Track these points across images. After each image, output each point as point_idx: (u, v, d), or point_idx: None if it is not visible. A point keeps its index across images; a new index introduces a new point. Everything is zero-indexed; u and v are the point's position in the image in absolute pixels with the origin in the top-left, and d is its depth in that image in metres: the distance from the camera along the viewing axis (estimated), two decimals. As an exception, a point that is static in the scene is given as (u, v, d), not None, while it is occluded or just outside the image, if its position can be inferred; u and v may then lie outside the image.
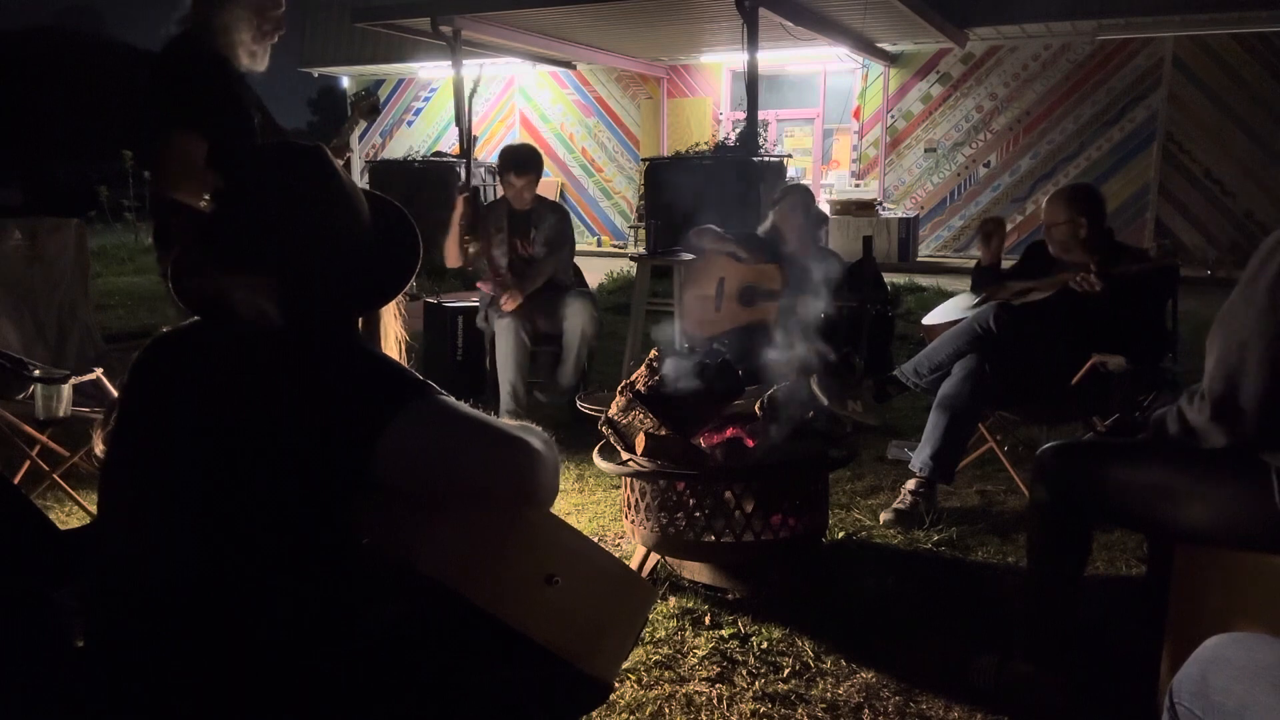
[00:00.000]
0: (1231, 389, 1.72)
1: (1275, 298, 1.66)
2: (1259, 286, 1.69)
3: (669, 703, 2.10)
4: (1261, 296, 1.68)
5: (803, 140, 15.06)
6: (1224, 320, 1.76)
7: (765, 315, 4.14)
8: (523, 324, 4.18)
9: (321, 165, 1.33)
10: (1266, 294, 1.67)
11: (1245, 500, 1.76)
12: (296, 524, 1.21)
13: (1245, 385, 1.70)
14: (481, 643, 1.25)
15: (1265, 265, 1.69)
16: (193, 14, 2.81)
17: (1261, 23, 11.26)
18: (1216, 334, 1.77)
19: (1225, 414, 1.74)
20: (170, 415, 1.27)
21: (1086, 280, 3.10)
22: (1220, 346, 1.75)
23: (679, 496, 2.58)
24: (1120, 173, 12.59)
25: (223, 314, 1.26)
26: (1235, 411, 1.73)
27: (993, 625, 2.40)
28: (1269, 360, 1.67)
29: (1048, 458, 2.05)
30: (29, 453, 3.03)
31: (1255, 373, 1.68)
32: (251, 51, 2.89)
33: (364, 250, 1.35)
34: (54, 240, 3.70)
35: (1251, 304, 1.69)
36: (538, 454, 1.26)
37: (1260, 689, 1.17)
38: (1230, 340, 1.72)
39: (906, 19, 10.96)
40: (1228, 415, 1.74)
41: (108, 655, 1.25)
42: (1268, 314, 1.67)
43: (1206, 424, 1.78)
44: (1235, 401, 1.72)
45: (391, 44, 14.47)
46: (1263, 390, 1.68)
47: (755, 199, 7.94)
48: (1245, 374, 1.69)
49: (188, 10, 2.82)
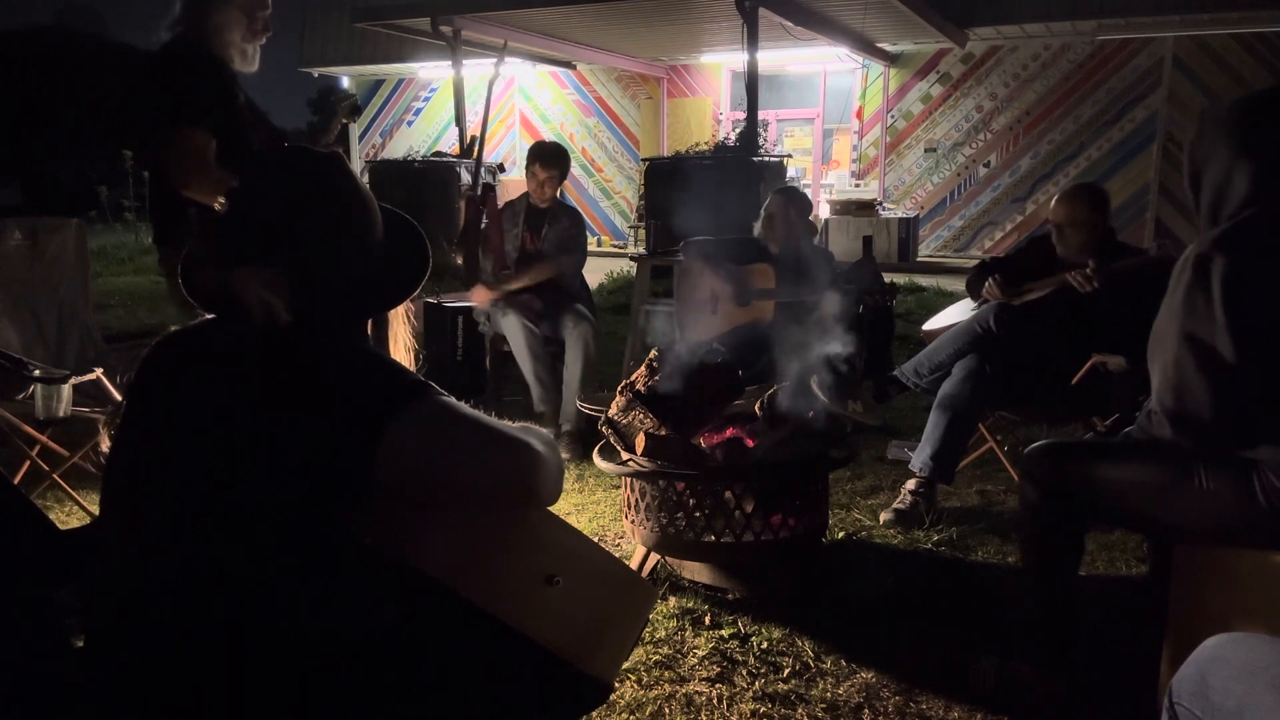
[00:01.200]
0: (1180, 401, 1.75)
1: (1190, 308, 1.70)
2: (1176, 301, 1.74)
3: (669, 703, 2.10)
4: (1181, 310, 1.72)
5: (803, 140, 15.06)
6: (1156, 337, 1.80)
7: (762, 315, 4.15)
8: (526, 313, 4.19)
9: (339, 171, 1.36)
10: (1184, 307, 1.71)
11: (1229, 496, 1.78)
12: (297, 524, 1.21)
13: (1190, 396, 1.73)
14: (481, 643, 1.25)
15: (1178, 280, 1.74)
16: (184, 17, 2.85)
17: (1261, 23, 11.27)
18: (1154, 351, 1.81)
19: (1184, 426, 1.77)
20: (174, 414, 1.28)
21: (1085, 279, 3.11)
22: (1159, 363, 1.79)
23: (679, 496, 2.58)
24: (1120, 173, 12.60)
25: (232, 311, 1.27)
26: (1191, 421, 1.76)
27: (993, 625, 2.40)
28: (1204, 371, 1.70)
29: (1035, 458, 2.06)
30: (29, 453, 3.03)
31: (1196, 382, 1.71)
32: (243, 51, 2.94)
33: (375, 255, 1.37)
34: (54, 240, 3.70)
35: (1175, 319, 1.74)
36: (540, 455, 1.27)
37: (1259, 689, 1.17)
38: (1165, 357, 1.76)
39: (906, 19, 10.97)
40: (1187, 426, 1.77)
41: (108, 655, 1.25)
42: (1188, 324, 1.71)
43: (1173, 437, 1.81)
44: (1187, 412, 1.75)
45: (391, 44, 14.47)
46: (1209, 396, 1.71)
47: (755, 199, 7.94)
48: (1187, 386, 1.73)
49: (178, 14, 2.85)
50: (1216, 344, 1.68)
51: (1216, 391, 1.70)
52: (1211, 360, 1.69)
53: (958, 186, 13.62)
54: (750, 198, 8.06)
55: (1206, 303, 1.68)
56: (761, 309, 4.19)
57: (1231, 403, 1.71)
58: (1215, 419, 1.72)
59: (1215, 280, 1.67)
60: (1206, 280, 1.68)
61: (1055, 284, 3.22)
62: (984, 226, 13.53)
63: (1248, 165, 1.75)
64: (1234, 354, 1.66)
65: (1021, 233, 12.94)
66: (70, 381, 2.94)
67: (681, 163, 9.86)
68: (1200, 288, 1.69)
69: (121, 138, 11.13)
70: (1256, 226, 1.72)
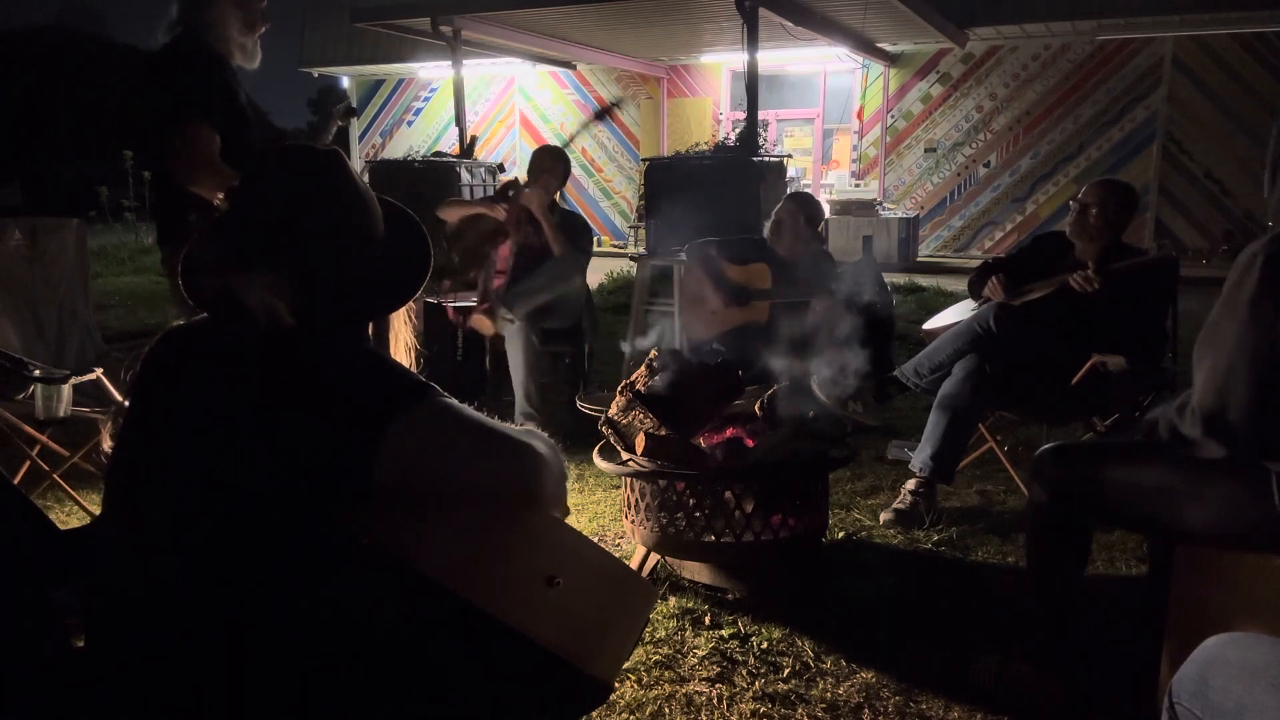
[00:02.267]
0: (1222, 405, 1.72)
1: (1255, 313, 1.66)
2: (1240, 301, 1.69)
3: (669, 703, 2.10)
4: (1243, 311, 1.68)
5: (803, 140, 15.05)
6: (1209, 336, 1.76)
7: (758, 316, 4.15)
8: (531, 325, 4.17)
9: (339, 169, 1.35)
10: (1247, 309, 1.67)
11: (1244, 502, 1.76)
12: (297, 524, 1.21)
13: (1234, 401, 1.71)
14: (482, 643, 1.25)
15: (1244, 280, 1.69)
16: (182, 18, 2.86)
17: (1261, 23, 11.26)
18: (1204, 350, 1.77)
19: (1217, 429, 1.75)
20: (175, 413, 1.28)
21: (1086, 279, 3.11)
22: (1208, 363, 1.75)
23: (679, 496, 2.58)
24: (1120, 173, 12.57)
25: (232, 311, 1.26)
26: (1227, 426, 1.73)
27: (993, 625, 2.40)
28: (1255, 377, 1.68)
29: (1046, 459, 2.06)
30: (29, 453, 3.03)
31: (1243, 389, 1.69)
32: (242, 45, 2.95)
33: (376, 256, 1.36)
34: (54, 240, 3.70)
35: (1235, 320, 1.69)
36: (542, 457, 1.27)
37: (1259, 689, 1.17)
38: (1218, 357, 1.73)
39: (906, 19, 10.96)
40: (1220, 430, 1.75)
41: (108, 655, 1.25)
42: (1250, 330, 1.67)
43: (1201, 438, 1.79)
44: (1226, 416, 1.73)
45: (391, 44, 14.46)
46: (1252, 405, 1.69)
47: (755, 199, 7.92)
48: (1234, 390, 1.70)
49: (175, 16, 2.87)
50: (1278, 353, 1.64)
51: (1264, 402, 1.68)
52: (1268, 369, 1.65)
53: (958, 186, 13.62)
54: (750, 198, 8.04)
55: (1275, 309, 1.63)
56: (758, 309, 4.19)
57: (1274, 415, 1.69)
58: (1254, 429, 1.70)
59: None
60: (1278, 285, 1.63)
61: (1055, 284, 3.22)
62: (984, 226, 13.53)
63: None
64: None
65: (1021, 233, 12.93)
66: (70, 381, 2.94)
67: (682, 163, 9.85)
68: (1269, 293, 1.64)
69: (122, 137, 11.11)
70: None
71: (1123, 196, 3.26)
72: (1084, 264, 3.19)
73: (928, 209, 13.71)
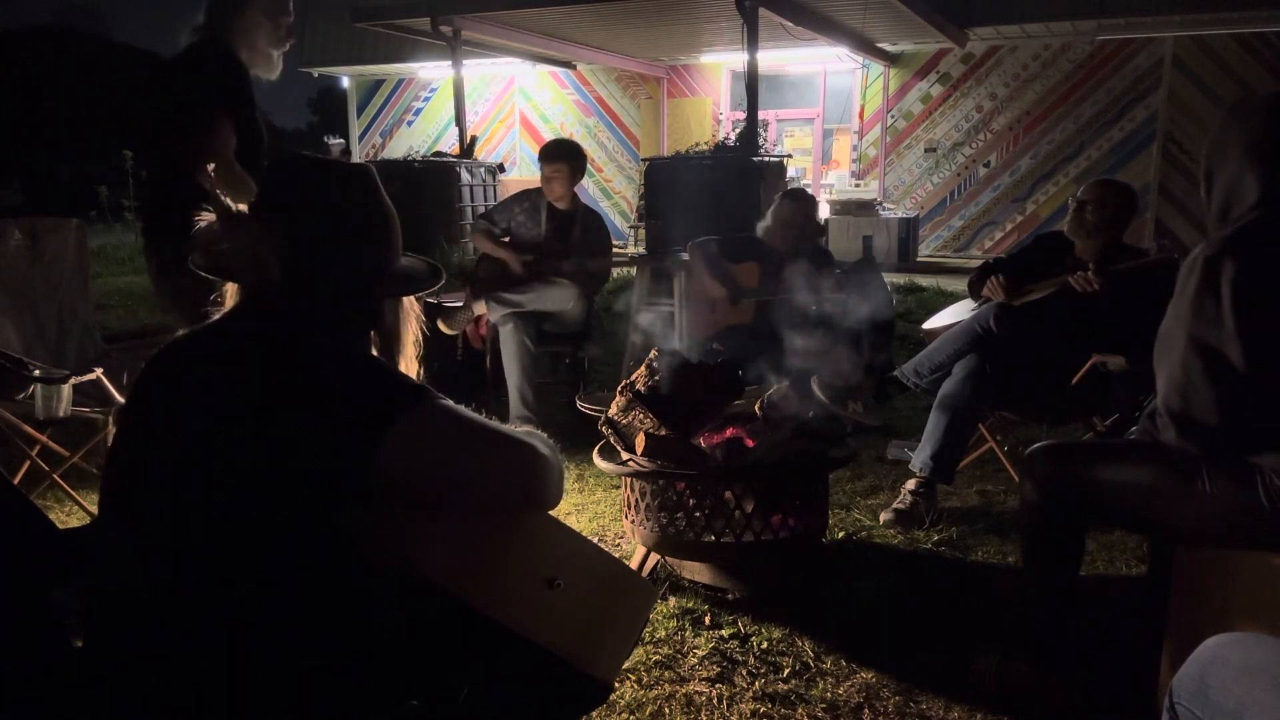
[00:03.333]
0: (1185, 404, 1.76)
1: (1199, 311, 1.71)
2: (1185, 302, 1.74)
3: (669, 703, 2.10)
4: (1188, 311, 1.72)
5: (803, 140, 15.05)
6: (1163, 342, 1.80)
7: (745, 315, 4.16)
8: (526, 327, 4.17)
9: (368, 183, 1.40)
10: (1191, 309, 1.72)
11: (1232, 499, 1.77)
12: (297, 524, 1.21)
13: (1196, 398, 1.74)
14: (482, 644, 1.25)
15: (1188, 283, 1.74)
16: (210, 22, 2.84)
17: (1261, 23, 11.25)
18: (1160, 355, 1.81)
19: (1187, 428, 1.78)
20: (175, 414, 1.28)
21: (1086, 280, 3.11)
22: (1165, 368, 1.79)
23: (679, 496, 2.58)
24: (1120, 173, 12.56)
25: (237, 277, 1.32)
26: (1195, 424, 1.76)
27: (993, 625, 2.40)
28: (1211, 373, 1.70)
29: (1036, 457, 2.06)
30: (29, 453, 3.03)
31: (1204, 385, 1.72)
32: (268, 56, 2.93)
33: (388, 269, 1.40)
34: (54, 240, 3.70)
35: (1182, 322, 1.74)
36: (544, 457, 1.28)
37: (1259, 689, 1.17)
38: (1173, 360, 1.76)
39: (906, 19, 10.95)
40: (1190, 428, 1.78)
41: (108, 655, 1.25)
42: (1198, 328, 1.71)
43: (1177, 440, 1.81)
44: (1191, 414, 1.76)
45: (391, 44, 14.46)
46: (1215, 401, 1.72)
47: (755, 199, 7.93)
48: (1194, 389, 1.73)
49: (203, 20, 2.85)
50: (1225, 348, 1.68)
51: (1224, 396, 1.70)
52: (1219, 364, 1.69)
53: (958, 186, 13.61)
54: (750, 198, 8.04)
55: (1216, 306, 1.68)
56: (743, 309, 4.20)
57: (1238, 407, 1.71)
58: (1222, 423, 1.73)
59: (1225, 284, 1.67)
60: (1216, 283, 1.68)
61: (1056, 285, 3.22)
62: (984, 226, 13.53)
63: (1259, 167, 1.75)
64: (1243, 358, 1.66)
65: (1021, 233, 12.93)
66: (70, 381, 2.94)
67: (682, 163, 9.85)
68: (1209, 291, 1.69)
69: (122, 137, 11.11)
70: (1266, 229, 1.72)
71: (1122, 196, 3.26)
72: (1084, 264, 3.19)
73: (928, 209, 13.71)
